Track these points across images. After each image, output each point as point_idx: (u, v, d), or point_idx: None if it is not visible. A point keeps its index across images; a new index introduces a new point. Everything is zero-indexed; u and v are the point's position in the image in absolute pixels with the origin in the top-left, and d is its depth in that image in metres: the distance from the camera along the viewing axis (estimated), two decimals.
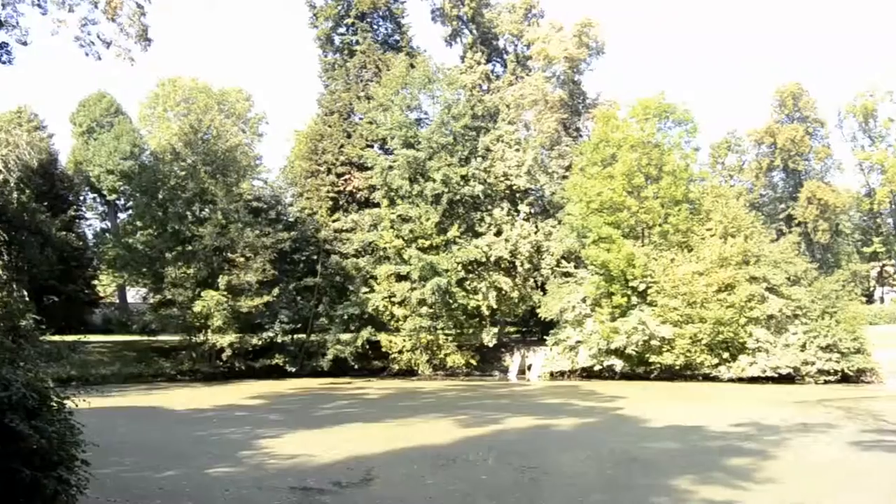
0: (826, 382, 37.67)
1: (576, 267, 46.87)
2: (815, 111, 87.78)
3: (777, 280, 40.56)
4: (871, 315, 60.63)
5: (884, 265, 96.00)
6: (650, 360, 40.73)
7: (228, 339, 43.61)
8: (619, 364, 41.56)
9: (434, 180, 47.05)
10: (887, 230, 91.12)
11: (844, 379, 37.97)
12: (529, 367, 47.79)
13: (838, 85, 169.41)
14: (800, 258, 45.49)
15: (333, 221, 49.82)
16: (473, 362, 47.84)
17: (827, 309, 39.29)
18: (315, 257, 48.94)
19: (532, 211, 52.47)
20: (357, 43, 55.63)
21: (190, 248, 44.02)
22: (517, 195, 51.30)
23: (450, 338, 48.17)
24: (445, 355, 47.18)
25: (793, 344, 38.66)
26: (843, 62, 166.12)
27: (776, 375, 38.07)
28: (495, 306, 47.76)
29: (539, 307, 47.25)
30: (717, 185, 60.02)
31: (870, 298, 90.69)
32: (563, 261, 48.11)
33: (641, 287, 41.62)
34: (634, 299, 41.84)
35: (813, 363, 38.14)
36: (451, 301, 46.46)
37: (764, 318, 39.40)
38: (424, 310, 46.07)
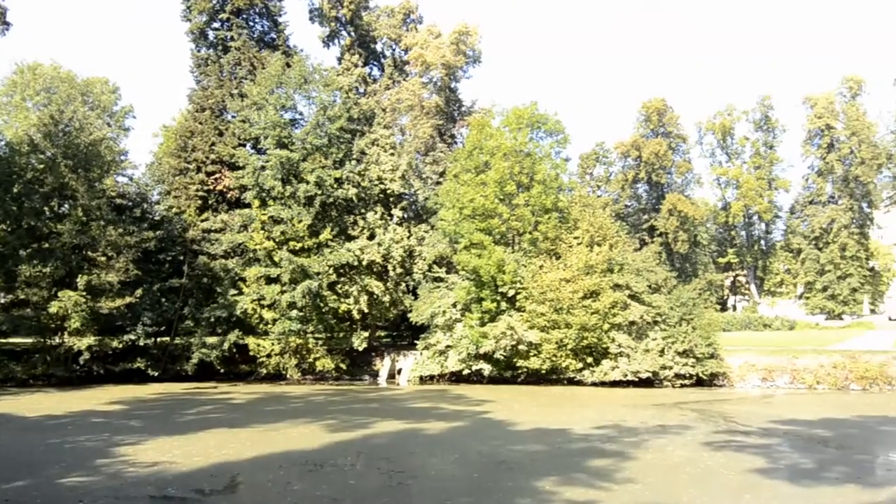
0: (682, 386, 39.37)
1: (447, 272, 47.30)
2: (678, 127, 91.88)
3: (639, 288, 42.12)
4: (725, 322, 63.88)
5: (737, 275, 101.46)
6: (518, 365, 41.50)
7: (87, 341, 41.66)
8: (487, 368, 42.14)
9: (307, 182, 46.51)
10: (740, 242, 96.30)
11: (699, 382, 39.77)
12: (399, 372, 47.86)
13: (700, 103, 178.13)
14: (660, 267, 47.35)
15: (202, 221, 48.51)
16: (343, 366, 47.50)
17: (684, 316, 41.05)
18: (182, 258, 47.52)
19: (405, 215, 52.67)
20: (232, 39, 54.37)
21: (47, 245, 41.80)
22: (391, 199, 51.37)
23: (320, 342, 47.65)
24: (315, 359, 46.65)
25: (652, 349, 40.21)
26: (705, 82, 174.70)
27: (636, 379, 39.52)
28: (366, 310, 47.63)
29: (410, 312, 47.43)
30: (585, 194, 61.86)
31: (723, 306, 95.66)
32: (435, 266, 48.46)
33: (511, 293, 42.36)
34: (504, 305, 42.53)
35: (671, 367, 39.73)
36: (321, 304, 46.02)
37: (626, 324, 40.83)
38: (294, 313, 45.44)
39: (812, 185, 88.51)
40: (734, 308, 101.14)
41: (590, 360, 40.75)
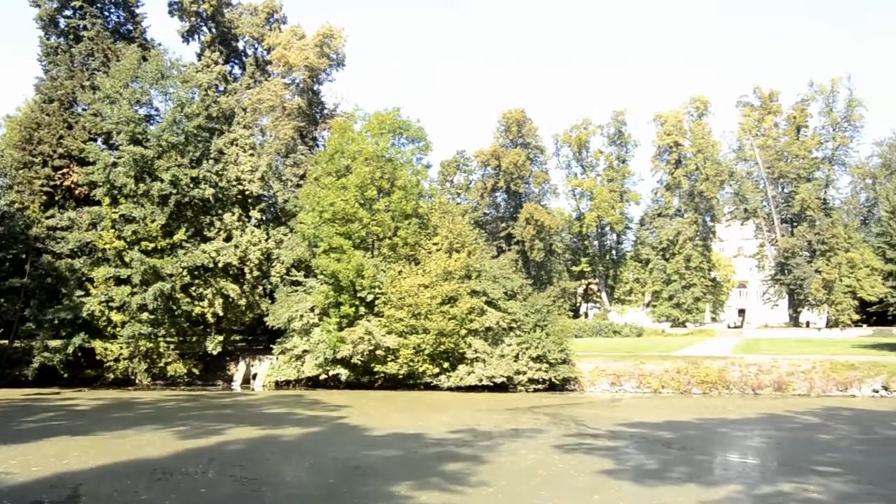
0: (536, 390, 40.34)
1: (306, 276, 46.79)
2: (536, 138, 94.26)
3: (496, 294, 42.92)
4: (577, 328, 65.97)
5: (589, 283, 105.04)
6: (375, 370, 41.49)
7: None
8: (344, 373, 41.92)
9: (162, 180, 44.99)
10: (593, 251, 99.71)
11: (552, 387, 40.86)
12: (254, 377, 46.96)
13: (558, 116, 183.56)
14: (517, 274, 48.44)
15: (47, 218, 46.07)
16: (196, 371, 46.18)
17: (539, 322, 42.11)
18: (24, 256, 44.94)
19: (264, 218, 51.75)
20: (85, 28, 51.90)
21: None
22: (249, 201, 50.36)
23: (171, 346, 46.11)
24: (166, 364, 45.15)
25: (507, 355, 41.01)
26: (563, 95, 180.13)
27: (492, 384, 40.20)
28: (221, 314, 46.45)
29: (267, 315, 46.56)
30: (445, 201, 62.50)
31: (576, 313, 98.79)
32: (293, 269, 47.83)
33: (370, 298, 42.31)
34: (362, 309, 42.43)
35: (525, 373, 40.63)
36: (174, 307, 44.60)
37: (482, 329, 41.49)
38: (145, 316, 43.84)
39: (660, 199, 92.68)
40: (586, 315, 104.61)
41: (446, 365, 41.17)
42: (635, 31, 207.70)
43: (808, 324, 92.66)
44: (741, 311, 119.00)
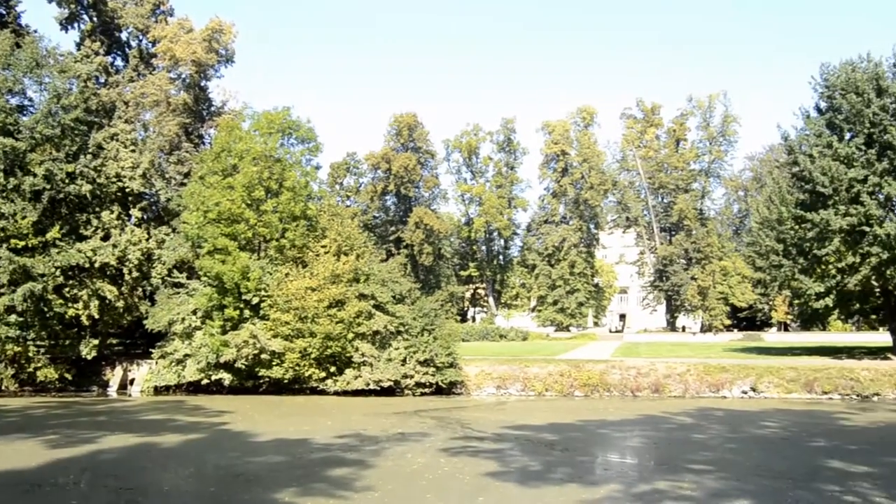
0: (423, 394, 40.30)
1: (189, 277, 45.33)
2: (427, 143, 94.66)
3: (384, 298, 42.68)
4: (464, 332, 66.44)
5: (476, 288, 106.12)
6: (260, 374, 40.60)
7: None
8: (227, 378, 40.82)
9: (35, 175, 42.66)
10: (481, 256, 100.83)
11: (439, 391, 40.90)
12: (132, 382, 45.24)
13: (449, 121, 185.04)
14: (406, 278, 48.36)
15: None
16: (69, 377, 44.00)
17: (426, 326, 42.09)
18: None
19: (145, 216, 49.86)
20: None
21: None
22: (130, 199, 48.43)
23: (42, 350, 43.77)
24: (35, 369, 42.82)
25: (395, 358, 40.82)
26: (454, 101, 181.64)
27: (379, 388, 39.92)
28: (97, 316, 44.38)
29: (146, 318, 44.86)
30: (334, 204, 61.97)
31: (464, 317, 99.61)
32: (175, 270, 46.28)
33: (255, 300, 41.39)
34: (247, 312, 41.45)
35: (412, 376, 40.53)
36: (45, 309, 42.37)
37: (370, 333, 41.17)
38: (13, 318, 41.45)
39: (547, 206, 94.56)
40: (473, 319, 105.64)
41: (333, 369, 40.69)
42: (526, 39, 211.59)
43: (683, 328, 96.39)
44: (622, 316, 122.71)
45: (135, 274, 46.07)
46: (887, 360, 44.19)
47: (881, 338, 59.38)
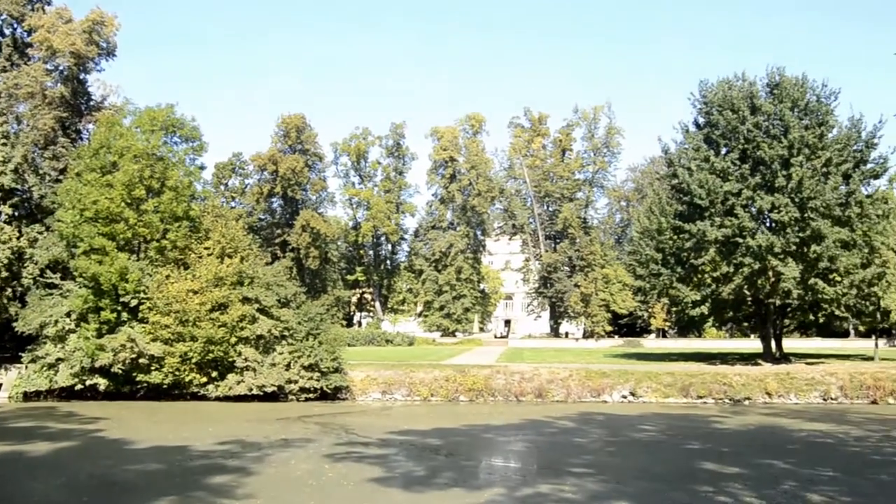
0: (307, 400, 39.85)
1: (63, 278, 43.38)
2: (315, 145, 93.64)
3: (269, 302, 42.00)
4: (350, 337, 66.11)
5: (363, 292, 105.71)
6: (137, 379, 39.28)
7: None
8: (103, 383, 39.30)
9: None
10: (368, 261, 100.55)
11: (324, 396, 40.53)
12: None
13: (338, 124, 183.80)
14: (291, 282, 47.71)
15: None
16: None
17: (312, 331, 41.64)
18: None
19: (16, 213, 47.49)
20: None
21: None
22: (0, 195, 46.11)
23: None
24: None
25: (279, 363, 40.23)
26: (343, 104, 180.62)
27: (262, 394, 39.24)
28: None
29: (16, 321, 42.69)
30: (218, 204, 60.55)
31: (350, 322, 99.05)
32: (48, 271, 44.25)
33: (133, 303, 40.02)
34: (125, 315, 40.04)
35: (296, 381, 40.00)
36: None
37: (254, 337, 40.45)
38: None
39: (435, 212, 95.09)
40: (360, 324, 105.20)
41: (215, 374, 39.75)
42: (417, 46, 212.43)
43: (567, 334, 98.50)
44: (507, 322, 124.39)
45: (4, 274, 43.80)
46: (758, 366, 46.44)
47: (753, 344, 62.37)
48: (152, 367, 38.98)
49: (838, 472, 21.14)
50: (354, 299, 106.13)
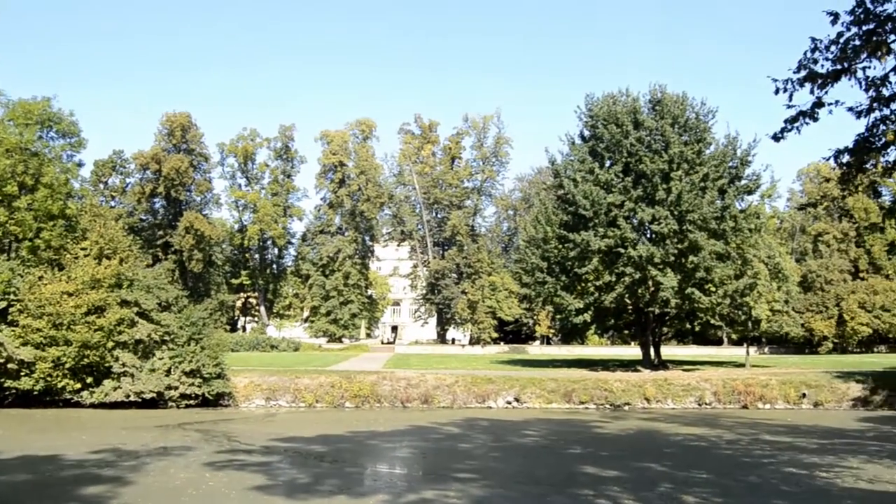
0: (188, 406, 38.65)
1: None
2: (201, 145, 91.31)
3: (149, 305, 40.58)
4: (234, 342, 64.77)
5: (248, 297, 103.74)
6: (5, 386, 37.22)
7: None
8: None
9: None
10: (254, 265, 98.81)
11: (205, 402, 39.42)
12: None
13: (226, 125, 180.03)
14: (173, 285, 46.33)
15: None
16: None
17: (194, 335, 40.47)
18: None
19: None
20: None
21: None
22: None
23: None
24: None
25: (159, 369, 38.89)
26: (232, 105, 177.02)
27: (140, 400, 37.81)
28: None
29: None
30: (97, 204, 58.42)
31: (233, 327, 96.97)
32: None
33: (2, 305, 38.01)
34: None
35: (177, 388, 38.76)
36: None
37: (132, 342, 38.99)
38: None
39: (323, 216, 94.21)
40: (244, 329, 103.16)
41: (90, 380, 38.05)
42: (310, 48, 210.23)
43: (453, 341, 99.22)
44: (394, 328, 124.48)
45: None
46: (637, 373, 47.88)
47: (633, 351, 64.26)
48: (22, 373, 36.99)
49: (711, 475, 22.01)
50: (239, 304, 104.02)
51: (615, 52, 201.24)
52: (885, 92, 9.83)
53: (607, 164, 50.36)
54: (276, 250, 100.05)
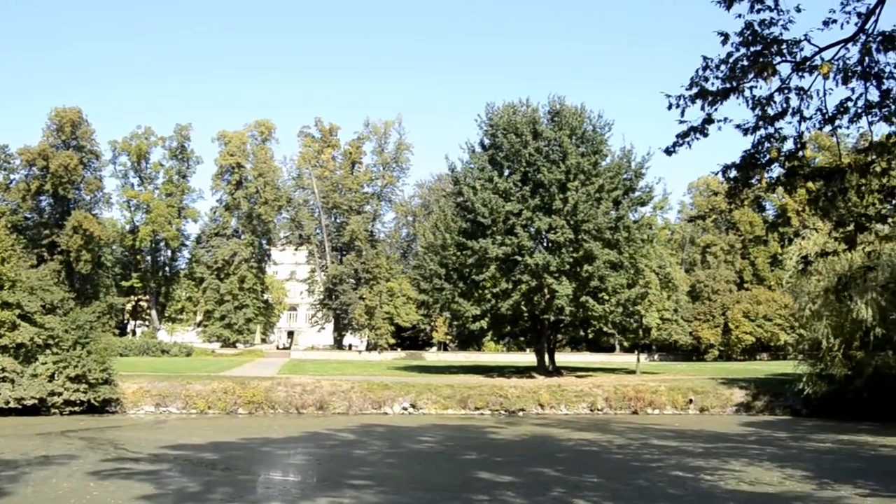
0: (72, 413, 37.20)
1: None
2: (92, 142, 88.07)
3: (32, 307, 38.86)
4: (123, 347, 62.78)
5: (139, 300, 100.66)
6: None
7: None
8: None
9: None
10: (146, 267, 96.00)
11: (91, 409, 38.02)
12: None
13: (119, 122, 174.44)
14: (59, 287, 44.58)
15: None
16: None
17: (80, 339, 39.00)
18: None
19: None
20: None
21: None
22: None
23: None
24: None
25: (41, 374, 37.28)
26: (125, 102, 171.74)
27: (21, 407, 36.15)
28: None
29: None
30: None
31: (123, 331, 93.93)
32: None
33: None
34: None
35: (61, 394, 37.31)
36: None
37: (13, 346, 37.28)
38: None
39: (219, 218, 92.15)
40: (134, 333, 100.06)
41: None
42: (208, 48, 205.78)
43: (350, 347, 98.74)
44: (290, 333, 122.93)
45: None
46: (532, 379, 48.70)
47: (528, 358, 65.28)
48: None
49: (602, 479, 22.54)
50: (129, 307, 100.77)
51: (518, 59, 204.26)
52: (770, 111, 10.26)
53: (506, 172, 51.11)
54: (169, 252, 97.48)
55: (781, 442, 32.69)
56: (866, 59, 9.86)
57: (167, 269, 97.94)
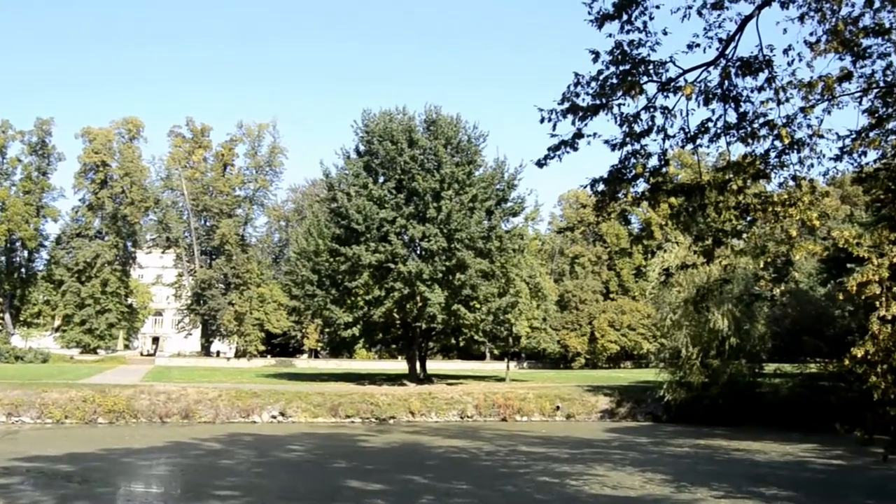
0: None
1: None
2: None
3: None
4: None
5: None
6: None
7: None
8: None
9: None
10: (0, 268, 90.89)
11: None
12: None
13: None
14: None
15: None
16: None
17: None
18: None
19: None
20: None
21: None
22: None
23: None
24: None
25: None
26: None
27: None
28: None
29: None
30: None
31: None
32: None
33: None
34: None
35: None
36: None
37: None
38: None
39: (81, 219, 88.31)
40: None
41: None
42: (74, 37, 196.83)
43: (218, 353, 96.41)
44: (155, 339, 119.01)
45: None
46: (403, 387, 48.81)
47: (400, 365, 65.47)
48: None
49: (471, 485, 22.83)
50: None
51: (395, 68, 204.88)
52: (637, 128, 10.64)
53: (381, 179, 51.16)
54: (25, 253, 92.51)
55: (643, 447, 33.98)
56: (726, 82, 10.42)
57: (23, 270, 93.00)
